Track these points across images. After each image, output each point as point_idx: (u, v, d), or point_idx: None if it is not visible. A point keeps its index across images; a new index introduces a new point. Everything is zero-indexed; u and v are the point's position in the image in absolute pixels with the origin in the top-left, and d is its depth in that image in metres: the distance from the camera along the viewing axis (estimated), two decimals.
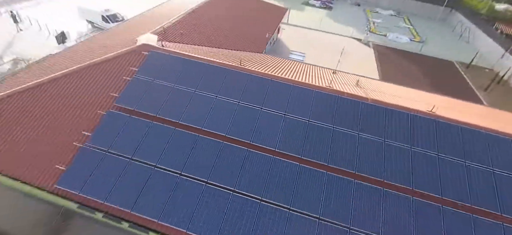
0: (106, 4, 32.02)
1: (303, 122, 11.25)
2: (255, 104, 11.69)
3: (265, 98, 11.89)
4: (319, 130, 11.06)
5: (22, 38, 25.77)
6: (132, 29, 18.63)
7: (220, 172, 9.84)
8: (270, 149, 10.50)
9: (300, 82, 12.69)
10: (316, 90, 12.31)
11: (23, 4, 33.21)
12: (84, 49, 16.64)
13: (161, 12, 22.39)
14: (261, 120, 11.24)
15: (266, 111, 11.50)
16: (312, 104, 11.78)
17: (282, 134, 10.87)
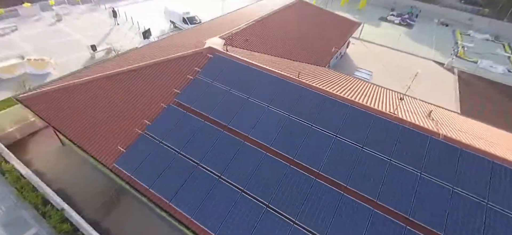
0: (190, 7, 35.54)
1: (355, 147, 10.32)
2: (306, 120, 11.21)
3: (317, 116, 11.31)
4: (372, 159, 9.98)
5: (117, 31, 30.18)
6: (204, 32, 20.00)
7: (257, 183, 9.69)
8: (313, 169, 9.91)
9: (358, 103, 11.71)
10: (376, 115, 11.19)
11: (123, 2, 38.98)
12: (161, 46, 18.52)
13: (233, 18, 23.54)
14: (310, 137, 10.71)
15: (316, 129, 10.92)
16: (369, 130, 10.73)
17: (329, 156, 10.15)
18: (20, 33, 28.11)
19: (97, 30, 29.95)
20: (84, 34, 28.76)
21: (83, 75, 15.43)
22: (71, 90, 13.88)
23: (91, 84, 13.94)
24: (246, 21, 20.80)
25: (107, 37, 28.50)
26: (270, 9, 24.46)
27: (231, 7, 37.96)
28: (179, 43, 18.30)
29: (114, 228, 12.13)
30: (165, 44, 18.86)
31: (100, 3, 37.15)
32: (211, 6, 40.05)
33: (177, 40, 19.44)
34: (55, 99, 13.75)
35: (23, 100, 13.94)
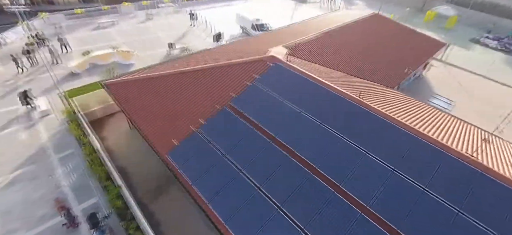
0: (262, 15, 36.70)
1: (416, 188, 8.90)
2: (361, 146, 10.19)
3: (375, 143, 10.16)
4: (437, 206, 8.44)
5: (193, 32, 32.89)
6: (270, 40, 20.22)
7: (296, 203, 9.15)
8: (361, 203, 8.88)
9: (427, 136, 10.11)
10: (448, 153, 9.49)
11: (203, 6, 42.38)
12: (227, 51, 19.37)
13: (302, 28, 23.27)
14: (363, 165, 9.68)
15: (372, 158, 9.81)
16: (436, 170, 9.15)
17: (383, 191, 8.97)
18: (117, 27, 33.00)
19: (176, 30, 33.17)
20: (166, 33, 32.15)
21: (156, 69, 17.14)
22: (143, 82, 15.52)
23: (159, 79, 15.35)
24: (314, 32, 20.29)
25: (184, 37, 31.30)
26: (341, 21, 23.42)
27: (303, 16, 37.79)
28: (244, 49, 18.85)
29: (158, 212, 13.02)
30: (231, 49, 19.66)
31: (183, 7, 41.16)
32: (283, 15, 40.55)
33: (243, 46, 20.07)
34: (129, 87, 15.55)
35: (106, 85, 16.15)
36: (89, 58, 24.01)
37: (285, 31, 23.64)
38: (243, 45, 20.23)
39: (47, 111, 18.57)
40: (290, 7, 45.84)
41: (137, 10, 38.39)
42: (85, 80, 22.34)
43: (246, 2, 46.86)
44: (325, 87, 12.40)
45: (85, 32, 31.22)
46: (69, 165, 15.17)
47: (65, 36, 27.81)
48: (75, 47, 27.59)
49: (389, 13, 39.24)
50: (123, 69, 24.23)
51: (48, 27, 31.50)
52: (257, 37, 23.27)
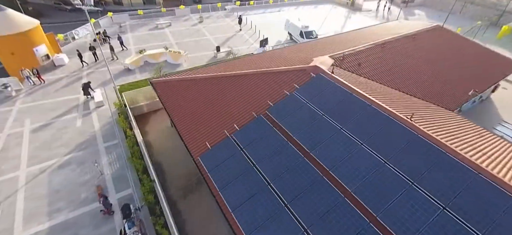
0: (311, 22, 35.85)
1: (471, 233, 7.42)
2: (406, 175, 8.92)
3: (424, 173, 8.81)
4: None
5: (240, 36, 33.38)
6: (317, 49, 19.42)
7: (324, 229, 8.30)
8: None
9: (488, 172, 8.44)
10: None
11: (252, 11, 42.95)
12: (270, 57, 19.06)
13: (352, 37, 21.94)
14: (406, 198, 8.44)
15: (419, 190, 8.51)
16: (499, 214, 7.54)
17: (429, 231, 7.66)
18: (171, 28, 35.07)
19: (225, 33, 34.04)
20: (214, 36, 33.19)
21: (200, 72, 17.57)
22: (185, 83, 15.97)
23: (201, 81, 15.63)
24: (364, 42, 18.92)
25: (231, 41, 31.93)
26: (398, 32, 21.50)
27: (356, 26, 35.91)
28: (288, 57, 18.33)
29: (185, 211, 13.16)
30: (275, 56, 19.29)
31: (233, 11, 42.21)
32: (334, 23, 39.05)
33: (287, 54, 19.57)
34: (173, 87, 16.13)
35: (152, 83, 17.01)
36: (143, 56, 25.77)
37: (334, 40, 22.50)
38: (288, 53, 19.71)
39: (101, 103, 20.28)
40: (342, 15, 44.04)
41: (191, 13, 40.43)
42: (137, 77, 24.01)
43: (297, 8, 46.34)
44: (370, 105, 11.26)
45: (144, 31, 33.77)
46: (113, 154, 16.25)
47: (123, 37, 30.39)
48: (134, 44, 29.97)
49: (456, 26, 35.24)
50: (172, 68, 25.54)
51: (113, 25, 34.78)
52: (303, 44, 22.54)
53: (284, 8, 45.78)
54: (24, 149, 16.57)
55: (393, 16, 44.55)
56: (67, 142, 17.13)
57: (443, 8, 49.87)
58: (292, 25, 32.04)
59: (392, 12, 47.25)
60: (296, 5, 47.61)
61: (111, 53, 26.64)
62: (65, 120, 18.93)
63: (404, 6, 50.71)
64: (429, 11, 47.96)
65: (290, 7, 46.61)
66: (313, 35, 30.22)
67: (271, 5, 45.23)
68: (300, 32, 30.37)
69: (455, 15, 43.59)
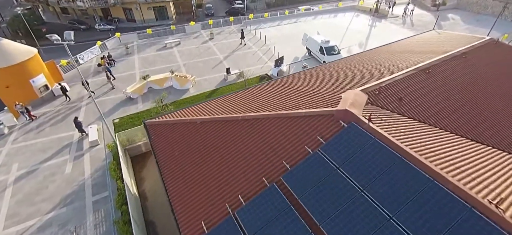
0: (333, 33, 32.34)
1: None
2: None
3: None
4: None
5: (252, 54, 30.37)
6: (342, 73, 16.05)
7: None
8: None
9: None
10: None
11: (267, 24, 40.04)
12: (285, 86, 15.88)
13: (384, 57, 18.34)
14: None
15: None
16: None
17: None
18: (180, 47, 32.84)
19: (236, 51, 31.27)
20: (225, 54, 30.50)
21: (202, 108, 14.70)
22: (184, 128, 13.13)
23: (198, 127, 12.72)
24: (402, 65, 15.27)
25: (244, 59, 29.08)
26: (441, 49, 17.64)
27: (383, 37, 31.95)
28: (308, 88, 15.05)
29: None
30: (291, 84, 16.09)
31: (247, 25, 39.52)
32: (358, 35, 35.27)
33: (307, 82, 16.30)
34: (168, 133, 13.35)
35: (146, 125, 14.34)
36: (146, 82, 23.45)
37: (362, 60, 18.97)
38: (307, 81, 16.45)
39: (96, 142, 17.96)
40: (366, 24, 40.11)
41: (201, 29, 38.18)
42: (139, 107, 21.64)
43: (315, 18, 42.98)
44: (436, 181, 7.69)
45: (152, 52, 31.75)
46: (100, 212, 13.67)
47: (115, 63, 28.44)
48: (140, 68, 27.87)
49: (501, 32, 30.48)
50: (178, 94, 23.02)
51: (120, 47, 33.05)
52: (325, 67, 19.15)
53: (301, 18, 42.53)
54: (4, 205, 14.41)
55: (422, 22, 40.11)
56: (53, 194, 14.79)
57: (481, 11, 44.61)
58: (311, 40, 28.72)
59: (422, 17, 42.71)
60: (314, 15, 44.23)
61: (108, 81, 24.44)
62: (54, 164, 16.71)
63: (435, 10, 45.95)
64: (464, 15, 42.92)
65: (307, 17, 43.27)
66: (335, 51, 26.74)
67: (286, 16, 42.16)
68: (320, 47, 27.00)
69: (492, 17, 38.47)
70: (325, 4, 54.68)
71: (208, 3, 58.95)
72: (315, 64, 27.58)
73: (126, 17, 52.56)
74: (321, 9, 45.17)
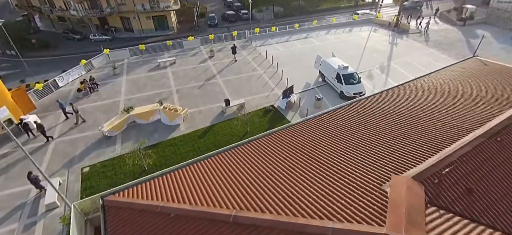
0: (349, 51, 28.22)
1: None
2: None
3: None
4: None
5: (257, 78, 26.26)
6: (375, 130, 11.86)
7: None
8: None
9: None
10: None
11: (274, 39, 35.99)
12: (298, 150, 11.71)
13: (430, 105, 14.04)
14: None
15: None
16: None
17: None
18: (175, 67, 28.96)
19: (239, 73, 27.25)
20: (226, 77, 26.49)
21: (179, 180, 10.64)
22: (151, 221, 9.08)
23: (170, 221, 8.64)
24: (458, 123, 11.01)
25: (247, 84, 25.01)
26: (499, 91, 13.37)
27: (407, 59, 27.47)
28: (328, 153, 10.86)
29: None
30: (302, 142, 11.92)
31: (251, 40, 35.55)
32: (376, 54, 30.90)
33: (324, 140, 12.11)
34: (131, 224, 9.34)
35: (105, 205, 10.37)
36: (128, 116, 19.55)
37: (398, 103, 14.76)
38: (325, 139, 12.30)
39: (53, 204, 14.09)
40: (386, 40, 35.75)
41: (200, 45, 34.32)
42: (117, 149, 17.72)
43: (327, 32, 38.81)
44: None
45: (142, 72, 27.97)
46: None
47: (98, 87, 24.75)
48: (126, 94, 24.05)
49: None
50: (165, 132, 19.07)
51: (108, 65, 29.32)
52: (347, 116, 14.90)
53: (312, 33, 38.36)
54: None
55: (449, 40, 35.63)
56: None
57: None
58: (326, 63, 24.55)
59: (447, 32, 38.19)
60: (327, 29, 40.02)
61: (76, 116, 20.10)
62: None
63: (461, 25, 41.37)
64: (495, 32, 38.19)
65: (320, 31, 39.08)
66: (355, 79, 22.51)
67: (296, 30, 38.06)
68: (337, 74, 22.80)
69: None
70: (338, 15, 50.55)
71: (211, 12, 55.34)
72: (331, 93, 23.40)
73: (123, 26, 49.20)
74: (335, 22, 40.94)
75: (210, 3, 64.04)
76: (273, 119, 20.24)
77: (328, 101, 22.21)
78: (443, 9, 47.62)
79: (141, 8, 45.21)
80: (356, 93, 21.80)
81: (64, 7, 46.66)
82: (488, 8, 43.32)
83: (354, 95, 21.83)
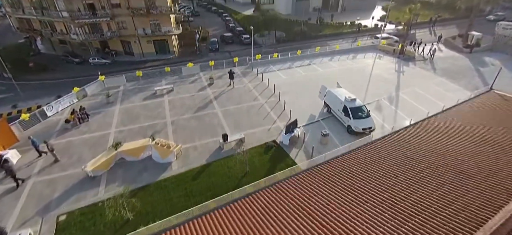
0: (355, 81, 26.75)
1: None
2: None
3: None
4: None
5: (258, 108, 24.65)
6: (403, 182, 10.05)
7: None
8: None
9: None
10: None
11: (277, 66, 34.78)
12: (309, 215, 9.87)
13: (456, 154, 12.31)
14: None
15: None
16: None
17: None
18: (172, 95, 27.52)
19: (239, 103, 25.70)
20: (225, 108, 24.91)
21: None
22: None
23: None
24: (500, 183, 9.24)
25: (246, 117, 23.34)
26: None
27: (415, 85, 25.84)
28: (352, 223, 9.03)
29: None
30: (315, 204, 10.09)
31: (252, 67, 34.36)
32: (383, 83, 29.39)
33: (342, 200, 10.28)
34: None
35: None
36: (116, 153, 17.83)
37: (418, 146, 13.00)
38: (343, 198, 10.49)
39: None
40: (392, 68, 34.43)
41: (200, 71, 33.11)
42: (100, 193, 15.84)
43: (331, 59, 37.68)
44: None
45: (137, 101, 26.50)
46: None
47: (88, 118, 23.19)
48: (117, 125, 22.41)
49: None
50: (155, 171, 17.25)
51: (102, 93, 27.95)
52: (363, 161, 13.14)
53: (315, 60, 37.23)
54: None
55: (457, 67, 34.31)
56: None
57: None
58: (331, 94, 23.00)
59: (455, 60, 36.94)
60: (330, 55, 38.94)
61: (52, 154, 18.20)
62: None
63: (468, 52, 40.23)
64: (504, 59, 36.89)
65: (323, 58, 37.98)
66: (364, 113, 20.84)
67: (299, 57, 36.95)
68: (344, 107, 21.17)
69: None
70: (341, 40, 49.82)
71: (213, 36, 54.88)
72: (338, 127, 21.66)
73: (124, 49, 48.51)
74: (338, 49, 39.92)
75: (212, 27, 63.97)
76: (275, 157, 18.43)
77: (335, 136, 20.44)
78: (446, 35, 46.74)
79: (142, 32, 44.66)
80: (365, 128, 20.08)
81: (65, 31, 46.20)
82: (494, 35, 42.48)
83: (363, 131, 20.10)
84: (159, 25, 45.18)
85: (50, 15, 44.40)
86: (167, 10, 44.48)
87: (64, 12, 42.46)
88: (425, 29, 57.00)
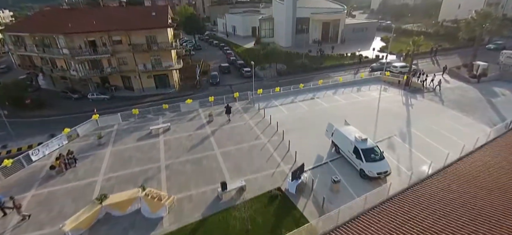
0: (361, 116, 24.80)
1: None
2: None
3: None
4: None
5: (260, 148, 22.77)
6: None
7: None
8: None
9: None
10: None
11: (279, 100, 33.31)
12: None
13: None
14: None
15: None
16: None
17: None
18: (169, 135, 25.83)
19: (240, 142, 23.85)
20: (225, 148, 23.07)
21: None
22: None
23: None
24: None
25: (247, 159, 21.36)
26: None
27: (427, 120, 23.88)
28: None
29: None
30: None
31: (254, 102, 32.97)
32: (392, 118, 27.59)
33: None
34: None
35: None
36: (100, 208, 15.78)
37: (456, 207, 10.98)
38: None
39: None
40: (399, 101, 32.90)
41: (199, 107, 31.70)
42: None
43: (335, 92, 36.38)
44: None
45: (131, 142, 24.78)
46: None
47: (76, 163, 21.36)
48: (106, 172, 20.47)
49: None
50: (144, 228, 15.06)
51: (93, 134, 26.33)
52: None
53: (319, 93, 35.93)
54: None
55: (467, 99, 32.75)
56: None
57: None
58: (339, 134, 21.19)
59: (464, 90, 35.47)
60: (334, 88, 37.70)
61: (18, 211, 15.97)
62: None
63: (475, 82, 38.90)
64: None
65: (326, 91, 36.70)
66: (377, 155, 18.88)
67: (301, 90, 35.73)
68: (355, 148, 19.26)
69: None
70: (343, 72, 49.05)
71: (214, 70, 54.44)
72: (349, 170, 19.59)
73: (124, 84, 47.80)
74: (342, 82, 38.78)
75: (213, 60, 64.02)
76: (280, 209, 16.28)
77: (347, 182, 18.34)
78: (449, 65, 45.75)
79: (143, 68, 44.14)
80: (380, 173, 18.04)
81: (65, 67, 45.80)
82: (499, 64, 41.57)
83: (378, 176, 18.04)
84: (160, 60, 44.77)
85: (51, 52, 44.23)
86: (168, 46, 44.28)
87: (64, 49, 42.22)
88: (427, 59, 56.47)
